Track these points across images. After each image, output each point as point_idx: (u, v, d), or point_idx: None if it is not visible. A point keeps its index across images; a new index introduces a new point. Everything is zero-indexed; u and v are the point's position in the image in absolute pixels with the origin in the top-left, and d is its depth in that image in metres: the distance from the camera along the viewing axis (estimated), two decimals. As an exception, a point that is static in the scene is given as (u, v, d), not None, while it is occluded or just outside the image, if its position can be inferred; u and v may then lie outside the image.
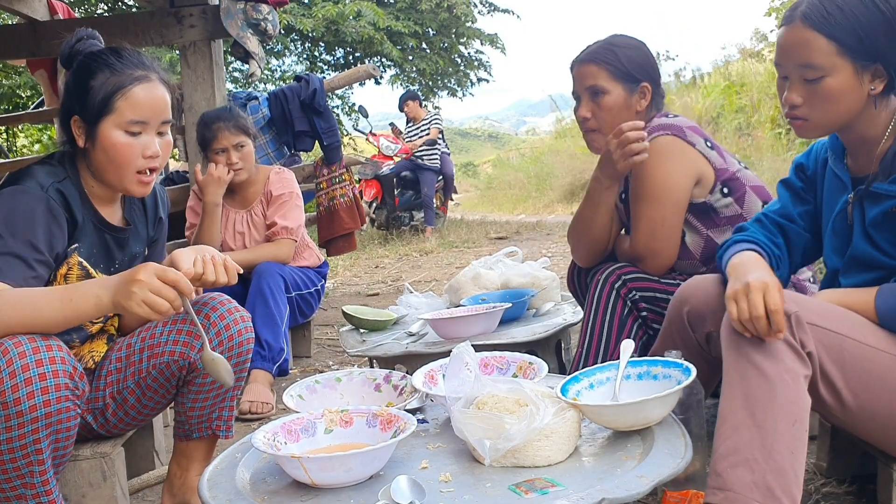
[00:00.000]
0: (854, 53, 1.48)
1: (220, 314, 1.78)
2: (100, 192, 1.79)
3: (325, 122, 4.16)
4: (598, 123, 2.13)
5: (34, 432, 1.47)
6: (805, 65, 1.51)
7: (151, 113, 1.70)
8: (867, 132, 1.55)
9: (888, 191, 1.49)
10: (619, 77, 2.10)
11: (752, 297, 1.42)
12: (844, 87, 1.50)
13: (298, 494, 1.36)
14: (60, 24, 3.99)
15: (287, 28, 11.25)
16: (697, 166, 2.04)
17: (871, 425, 1.49)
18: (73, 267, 1.74)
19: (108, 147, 1.69)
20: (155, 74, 1.73)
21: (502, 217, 11.69)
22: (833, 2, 1.48)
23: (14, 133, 11.50)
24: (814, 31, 1.49)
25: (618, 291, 2.06)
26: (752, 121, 9.29)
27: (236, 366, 1.80)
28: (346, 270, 6.81)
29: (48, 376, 1.47)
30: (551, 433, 1.37)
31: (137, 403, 1.83)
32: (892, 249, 1.53)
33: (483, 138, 43.74)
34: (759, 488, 1.30)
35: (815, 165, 1.73)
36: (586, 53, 2.15)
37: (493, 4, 14.14)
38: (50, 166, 1.73)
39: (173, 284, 1.49)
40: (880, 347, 1.46)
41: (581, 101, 2.15)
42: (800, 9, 1.52)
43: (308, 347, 3.66)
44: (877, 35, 1.47)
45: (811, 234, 1.76)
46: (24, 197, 1.62)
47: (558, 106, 16.08)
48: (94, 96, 1.68)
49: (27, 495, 1.51)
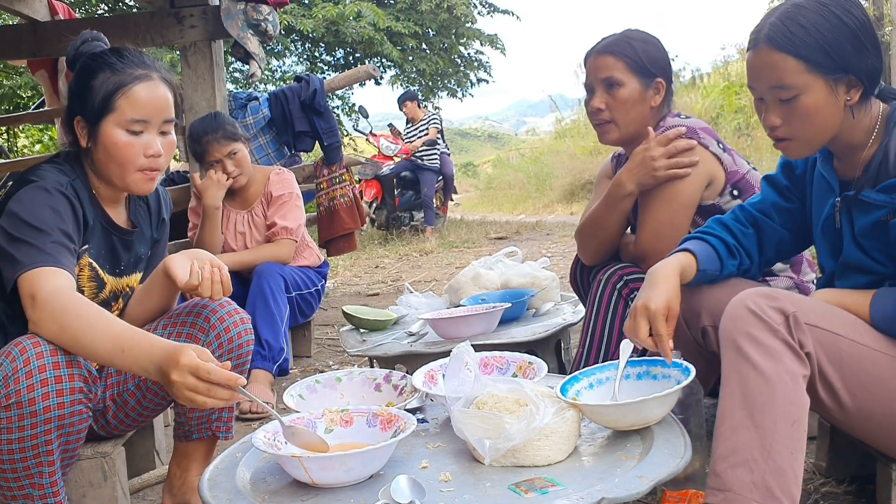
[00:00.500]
0: (824, 69, 1.46)
1: (220, 317, 1.79)
2: (105, 192, 1.79)
3: (325, 122, 4.17)
4: (611, 115, 2.08)
5: (46, 433, 1.48)
6: (777, 86, 1.50)
7: (153, 112, 1.70)
8: (852, 139, 1.55)
9: (876, 200, 1.49)
10: (635, 70, 2.06)
11: (637, 320, 1.57)
12: (820, 102, 1.48)
13: (299, 494, 1.36)
14: (61, 25, 3.99)
15: (287, 28, 11.25)
16: (710, 169, 2.01)
17: (868, 426, 1.49)
18: (84, 268, 1.74)
19: (110, 146, 1.68)
20: (156, 73, 1.72)
21: (502, 217, 11.70)
22: (794, 20, 1.47)
23: (15, 133, 11.50)
24: (780, 52, 1.47)
25: (619, 292, 2.06)
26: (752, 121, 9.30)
27: (236, 368, 1.81)
28: (346, 270, 6.81)
29: (64, 379, 1.48)
30: (551, 433, 1.37)
31: (138, 406, 1.83)
32: (882, 257, 1.53)
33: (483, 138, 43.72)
34: (759, 488, 1.30)
35: (805, 165, 1.72)
36: (603, 45, 2.10)
37: (493, 5, 14.13)
38: (58, 167, 1.72)
39: (213, 381, 1.37)
40: (878, 348, 1.46)
41: (595, 92, 2.11)
42: (763, 32, 1.50)
43: (308, 347, 3.66)
44: (843, 47, 1.45)
45: (788, 231, 1.76)
46: (47, 194, 1.62)
47: (558, 106, 16.10)
48: (95, 96, 1.68)
49: (34, 495, 1.52)
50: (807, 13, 1.47)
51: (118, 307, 1.87)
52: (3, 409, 1.45)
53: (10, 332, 1.63)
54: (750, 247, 1.75)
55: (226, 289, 1.72)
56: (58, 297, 1.49)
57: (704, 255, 1.68)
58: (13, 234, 1.55)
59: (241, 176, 3.19)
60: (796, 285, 2.04)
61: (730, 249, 1.71)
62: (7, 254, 1.54)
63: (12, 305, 1.60)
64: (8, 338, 1.57)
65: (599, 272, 2.12)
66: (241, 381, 1.38)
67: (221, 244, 3.20)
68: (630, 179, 2.03)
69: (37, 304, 1.49)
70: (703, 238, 1.72)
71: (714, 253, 1.69)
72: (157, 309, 1.86)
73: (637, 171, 2.02)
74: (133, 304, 1.89)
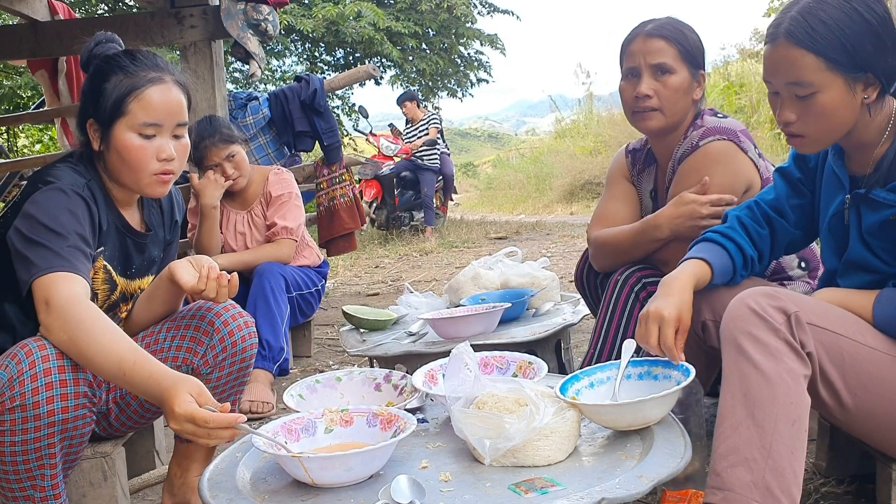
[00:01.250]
0: (843, 67, 1.44)
1: (224, 320, 1.79)
2: (119, 195, 1.77)
3: (325, 122, 4.17)
4: (659, 103, 1.98)
5: (49, 436, 1.48)
6: (795, 83, 1.47)
7: (165, 115, 1.68)
8: (864, 137, 1.54)
9: (886, 199, 1.48)
10: (685, 59, 1.98)
11: (648, 326, 1.56)
12: (837, 100, 1.46)
13: (299, 494, 1.36)
14: (61, 25, 4.00)
15: (287, 28, 11.25)
16: (749, 176, 1.95)
17: (869, 426, 1.49)
18: (99, 270, 1.73)
19: (122, 150, 1.67)
20: (170, 76, 1.70)
21: (502, 217, 11.70)
22: (816, 16, 1.44)
23: (15, 133, 11.51)
24: (800, 48, 1.45)
25: (637, 294, 2.01)
26: (752, 121, 9.30)
27: (239, 371, 1.82)
28: (346, 270, 6.81)
29: (69, 383, 1.48)
30: (551, 433, 1.37)
31: (140, 408, 1.83)
32: (888, 256, 1.53)
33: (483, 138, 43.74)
34: (759, 488, 1.30)
35: (816, 158, 1.70)
36: (653, 27, 1.99)
37: (493, 5, 14.13)
38: (73, 167, 1.70)
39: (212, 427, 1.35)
40: (879, 348, 1.46)
41: (641, 77, 1.99)
42: (783, 26, 1.47)
43: (308, 347, 3.66)
44: (864, 45, 1.43)
45: (801, 230, 1.75)
46: (64, 196, 1.60)
47: (558, 107, 16.09)
48: (108, 99, 1.66)
49: (35, 497, 1.52)
50: (829, 8, 1.44)
51: (127, 308, 1.87)
52: (7, 411, 1.45)
53: (23, 334, 1.61)
54: (763, 247, 1.75)
55: (231, 291, 1.72)
56: (72, 306, 1.47)
57: (720, 268, 1.66)
58: (29, 237, 1.53)
59: (241, 178, 3.20)
60: (813, 290, 1.98)
61: (745, 261, 1.70)
62: (23, 256, 1.53)
63: (25, 308, 1.59)
64: (17, 339, 1.56)
65: (616, 273, 2.07)
66: (242, 419, 1.35)
67: (220, 244, 3.20)
68: (669, 226, 1.94)
69: (51, 310, 1.48)
70: (723, 244, 1.69)
71: (731, 264, 1.68)
72: (161, 313, 1.86)
73: (680, 220, 1.91)
74: (138, 308, 1.89)
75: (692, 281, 1.63)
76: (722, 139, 1.95)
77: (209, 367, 1.79)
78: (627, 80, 2.05)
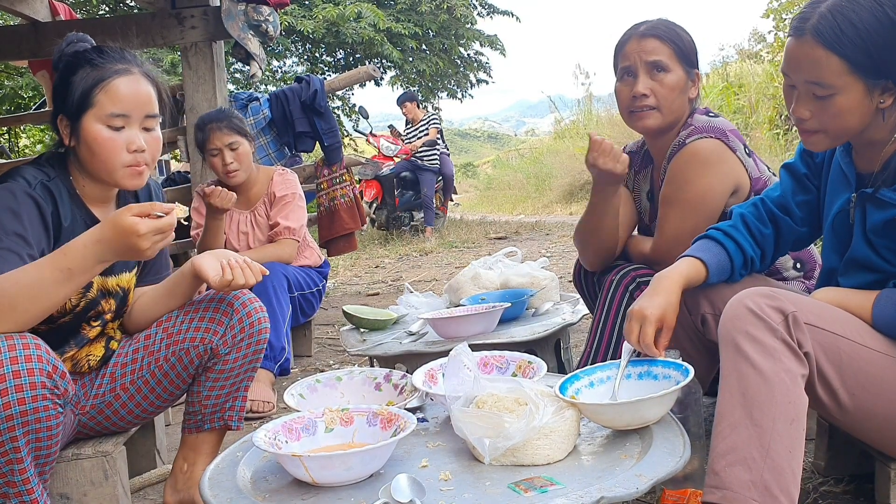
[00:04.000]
0: (866, 72, 1.43)
1: (243, 302, 1.83)
2: (92, 191, 1.77)
3: (325, 122, 4.18)
4: (657, 101, 2.00)
5: (9, 430, 1.44)
6: (815, 82, 1.46)
7: (133, 106, 1.68)
8: (874, 136, 1.53)
9: (893, 199, 1.48)
10: (680, 58, 2.00)
11: (631, 323, 1.60)
12: (854, 104, 1.45)
13: (299, 493, 1.36)
14: (62, 25, 4.01)
15: (288, 29, 11.26)
16: (737, 175, 1.96)
17: (867, 425, 1.50)
18: None
19: (91, 142, 1.67)
20: (137, 68, 1.71)
21: (502, 217, 11.70)
22: (846, 17, 1.41)
23: (16, 134, 11.52)
24: (825, 49, 1.43)
25: (631, 293, 2.02)
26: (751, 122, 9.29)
27: (254, 354, 1.86)
28: (346, 270, 6.82)
29: (22, 374, 1.44)
30: (550, 432, 1.38)
31: (151, 394, 1.84)
32: (891, 256, 1.52)
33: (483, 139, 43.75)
34: (757, 487, 1.30)
35: (823, 154, 1.69)
36: (648, 27, 2.02)
37: (493, 6, 14.14)
38: (37, 166, 1.72)
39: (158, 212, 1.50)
40: (877, 348, 1.47)
41: (637, 76, 2.01)
42: (811, 22, 1.45)
43: (309, 347, 3.67)
44: (889, 52, 1.41)
45: (807, 227, 1.75)
46: (9, 194, 1.61)
47: (557, 107, 16.09)
48: (75, 91, 1.66)
49: (10, 493, 1.50)
50: (861, 11, 1.42)
51: (109, 307, 1.85)
52: None
53: None
54: (766, 246, 1.75)
55: (256, 275, 1.77)
56: None
57: (716, 267, 1.67)
58: None
59: (240, 171, 3.18)
60: (808, 290, 1.99)
61: (745, 260, 1.71)
62: None
63: None
64: None
65: (611, 272, 2.08)
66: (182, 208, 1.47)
67: (223, 244, 3.20)
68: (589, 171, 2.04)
69: None
70: (723, 243, 1.70)
71: (728, 264, 1.69)
72: (178, 306, 1.88)
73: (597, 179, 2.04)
74: (150, 304, 1.89)
75: (682, 280, 1.64)
76: (709, 137, 1.96)
77: (227, 346, 1.80)
78: (623, 80, 2.06)
